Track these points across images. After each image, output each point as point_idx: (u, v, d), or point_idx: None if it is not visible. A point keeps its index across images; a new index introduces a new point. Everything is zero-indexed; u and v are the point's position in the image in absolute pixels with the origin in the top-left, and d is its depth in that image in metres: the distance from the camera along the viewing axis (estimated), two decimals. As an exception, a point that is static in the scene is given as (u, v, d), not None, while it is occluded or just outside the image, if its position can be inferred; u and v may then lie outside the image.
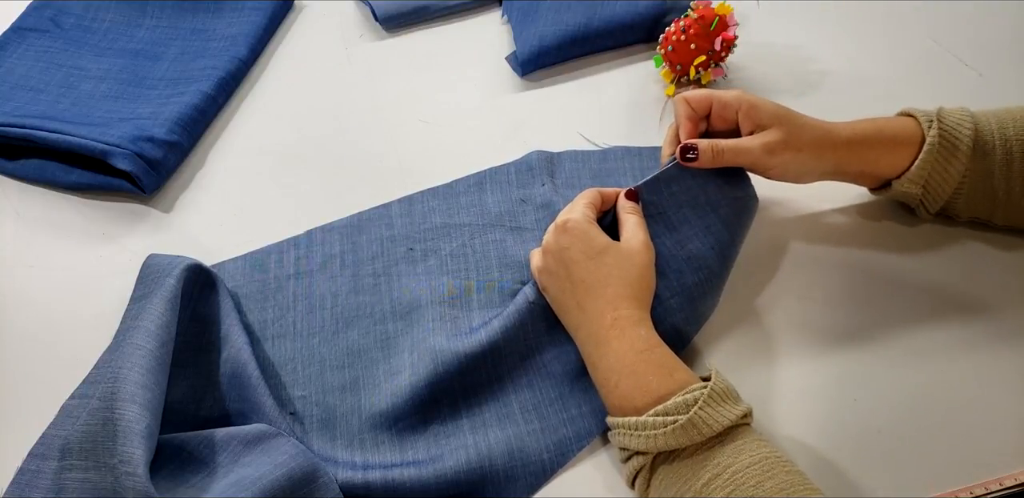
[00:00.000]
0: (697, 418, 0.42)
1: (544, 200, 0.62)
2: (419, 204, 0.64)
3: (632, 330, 0.47)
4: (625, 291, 0.49)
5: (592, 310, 0.49)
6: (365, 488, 0.47)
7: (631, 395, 0.45)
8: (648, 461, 0.44)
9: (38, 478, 0.47)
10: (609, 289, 0.49)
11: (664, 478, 0.43)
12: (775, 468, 0.40)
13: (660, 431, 0.42)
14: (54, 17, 0.79)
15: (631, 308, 0.48)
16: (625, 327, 0.47)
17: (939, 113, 0.54)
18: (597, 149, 0.67)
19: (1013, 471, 0.48)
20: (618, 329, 0.47)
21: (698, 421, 0.42)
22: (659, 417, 0.43)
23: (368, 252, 0.61)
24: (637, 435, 0.43)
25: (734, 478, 0.40)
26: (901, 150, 0.54)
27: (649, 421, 0.43)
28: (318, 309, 0.58)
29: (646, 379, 0.45)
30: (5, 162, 0.67)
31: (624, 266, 0.49)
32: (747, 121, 0.53)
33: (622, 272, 0.49)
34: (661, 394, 0.44)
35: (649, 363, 0.46)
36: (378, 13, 0.79)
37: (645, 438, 0.43)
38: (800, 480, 0.40)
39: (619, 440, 0.45)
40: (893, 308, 0.55)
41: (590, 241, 0.50)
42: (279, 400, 0.51)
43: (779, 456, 0.42)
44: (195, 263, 0.56)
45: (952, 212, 0.58)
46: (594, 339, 0.48)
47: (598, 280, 0.49)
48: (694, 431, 0.42)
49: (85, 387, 0.52)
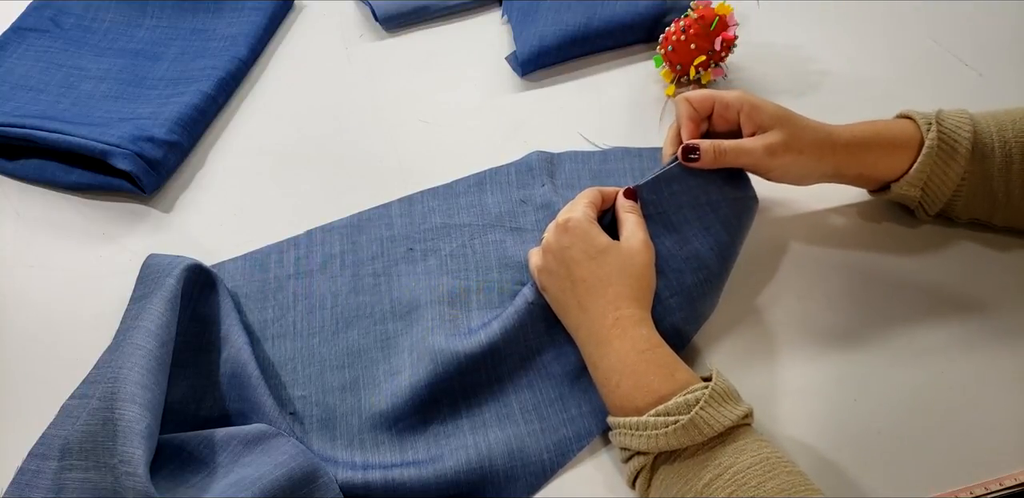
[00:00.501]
0: (698, 418, 0.42)
1: (544, 201, 0.62)
2: (419, 204, 0.64)
3: (634, 330, 0.47)
4: (626, 291, 0.49)
5: (594, 310, 0.49)
6: (365, 488, 0.47)
7: (632, 395, 0.45)
8: (649, 461, 0.44)
9: (38, 478, 0.47)
10: (611, 289, 0.49)
11: (665, 478, 0.43)
12: (776, 468, 0.40)
13: (661, 431, 0.42)
14: (54, 17, 0.79)
15: (632, 308, 0.48)
16: (627, 327, 0.47)
17: (938, 116, 0.54)
18: (597, 150, 0.67)
19: (1013, 471, 0.48)
20: (620, 329, 0.47)
21: (699, 421, 0.42)
22: (660, 417, 0.43)
23: (368, 252, 0.61)
24: (638, 435, 0.43)
25: (735, 478, 0.40)
26: (900, 153, 0.54)
27: (650, 421, 0.43)
28: (318, 309, 0.58)
29: (647, 379, 0.45)
30: (5, 162, 0.67)
31: (625, 266, 0.49)
32: (748, 122, 0.53)
33: (623, 271, 0.49)
34: (662, 394, 0.44)
35: (650, 363, 0.46)
36: (378, 13, 0.79)
37: (646, 438, 0.43)
38: (801, 480, 0.40)
39: (620, 440, 0.45)
40: (893, 308, 0.55)
41: (591, 240, 0.50)
42: (279, 400, 0.51)
43: (780, 456, 0.42)
44: (195, 263, 0.56)
45: (951, 214, 0.58)
46: (595, 339, 0.48)
47: (599, 280, 0.49)
48: (695, 431, 0.42)
49: (85, 387, 0.52)
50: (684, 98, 0.55)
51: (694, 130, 0.55)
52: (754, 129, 0.53)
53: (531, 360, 0.53)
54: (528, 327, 0.53)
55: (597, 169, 0.65)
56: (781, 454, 0.42)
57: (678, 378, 0.45)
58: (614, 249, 0.50)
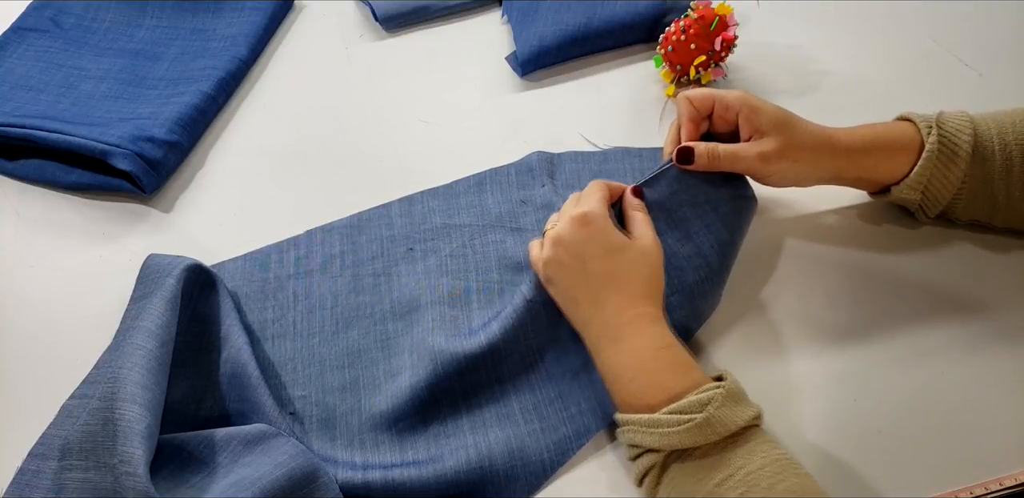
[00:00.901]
0: (713, 417, 0.42)
1: (544, 201, 0.62)
2: (419, 204, 0.64)
3: (649, 328, 0.47)
4: (643, 289, 0.49)
5: (610, 306, 0.49)
6: (365, 488, 0.47)
7: (645, 392, 0.45)
8: (660, 459, 0.44)
9: (38, 478, 0.47)
10: (627, 286, 0.49)
11: (675, 477, 0.43)
12: (787, 470, 0.41)
13: (675, 429, 0.42)
14: (54, 17, 0.79)
15: (648, 306, 0.48)
16: (643, 325, 0.47)
17: (938, 118, 0.54)
18: (597, 150, 0.67)
19: (1013, 471, 0.48)
20: (635, 326, 0.47)
21: (714, 420, 0.42)
22: (674, 415, 0.43)
23: (368, 252, 0.61)
24: (650, 432, 0.43)
25: (747, 479, 0.40)
26: (900, 156, 0.54)
27: (663, 418, 0.43)
28: (318, 309, 0.58)
29: (661, 376, 0.45)
30: (5, 162, 0.67)
31: (640, 264, 0.49)
32: (747, 125, 0.53)
33: (638, 269, 0.49)
34: (675, 392, 0.44)
35: (665, 361, 0.46)
36: (378, 13, 0.79)
37: (659, 435, 0.43)
38: (811, 484, 0.40)
39: (630, 437, 0.45)
40: (893, 308, 0.55)
41: (609, 237, 0.50)
42: (279, 400, 0.51)
43: (789, 458, 0.42)
44: (195, 263, 0.56)
45: (951, 215, 0.58)
46: (609, 335, 0.48)
47: (616, 276, 0.49)
48: (709, 430, 0.42)
49: (85, 387, 0.52)
50: (685, 97, 0.55)
51: (693, 131, 0.55)
52: (751, 132, 0.53)
53: (530, 359, 0.53)
54: (528, 326, 0.53)
55: (597, 169, 0.65)
56: (790, 456, 0.42)
57: (692, 377, 0.45)
58: (630, 247, 0.50)
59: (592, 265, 0.50)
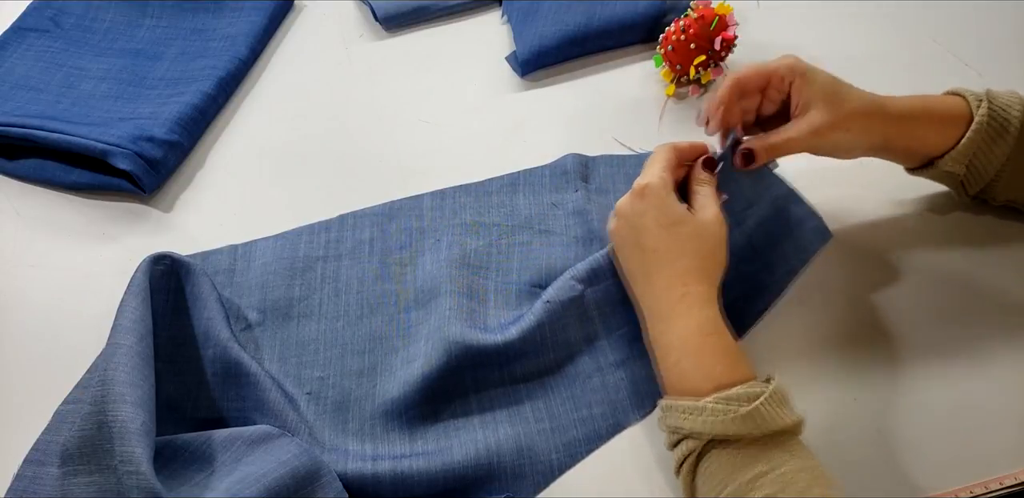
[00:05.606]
0: (761, 411, 0.42)
1: (576, 207, 0.62)
2: (451, 199, 0.64)
3: (699, 310, 0.47)
4: (698, 264, 0.48)
5: (659, 282, 0.48)
6: (374, 480, 0.47)
7: (692, 376, 0.45)
8: (700, 446, 0.43)
9: (36, 484, 0.48)
10: (681, 262, 0.48)
11: (711, 464, 0.43)
12: (821, 480, 0.41)
13: (721, 417, 0.42)
14: (54, 17, 0.79)
15: (702, 285, 0.47)
16: (692, 304, 0.47)
17: (988, 94, 0.53)
18: (633, 154, 0.67)
19: (1013, 471, 0.48)
20: (685, 305, 0.47)
21: (761, 414, 0.42)
22: (720, 404, 0.43)
23: (396, 241, 0.62)
24: (695, 418, 0.43)
25: (784, 477, 0.40)
26: (949, 129, 0.53)
27: (710, 406, 0.43)
28: (344, 293, 0.59)
29: (710, 364, 0.45)
30: (5, 162, 0.67)
31: (697, 239, 0.48)
32: (797, 95, 0.52)
33: (695, 245, 0.48)
34: (723, 383, 0.44)
35: (714, 348, 0.46)
36: (378, 13, 0.79)
37: (703, 421, 0.43)
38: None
39: (672, 422, 0.45)
40: (893, 308, 0.55)
41: (666, 209, 0.49)
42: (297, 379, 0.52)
43: (824, 471, 0.42)
44: (163, 254, 0.55)
45: (990, 193, 0.56)
46: (658, 313, 0.48)
47: (670, 251, 0.48)
48: (752, 424, 0.42)
49: (76, 392, 0.52)
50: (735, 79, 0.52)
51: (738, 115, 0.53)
52: (800, 104, 0.52)
53: (545, 359, 0.53)
54: (545, 327, 0.53)
55: (633, 174, 0.64)
56: (824, 469, 0.42)
57: (741, 370, 0.45)
58: (689, 220, 0.49)
59: (647, 239, 0.49)
